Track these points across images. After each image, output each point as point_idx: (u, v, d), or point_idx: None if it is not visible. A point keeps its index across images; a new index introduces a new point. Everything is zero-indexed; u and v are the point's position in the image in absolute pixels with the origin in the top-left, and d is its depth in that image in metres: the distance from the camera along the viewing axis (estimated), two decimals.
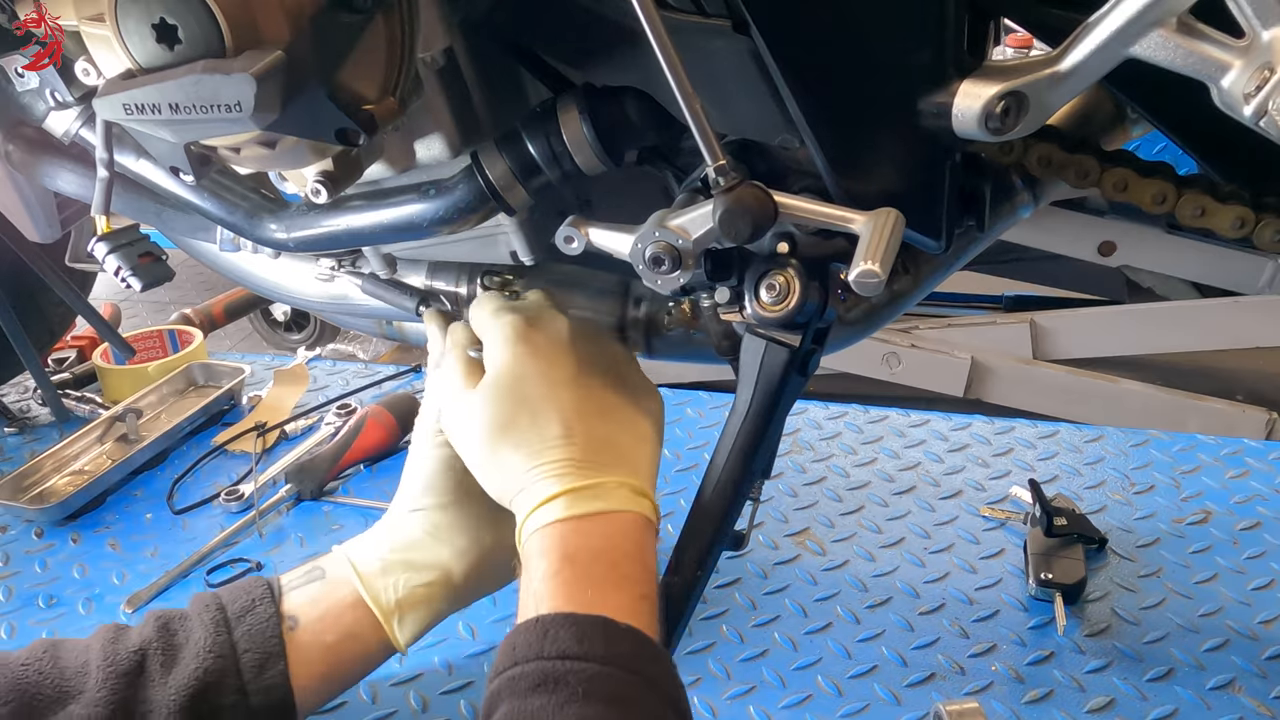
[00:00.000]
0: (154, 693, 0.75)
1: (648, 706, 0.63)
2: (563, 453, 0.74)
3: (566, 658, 0.63)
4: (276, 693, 0.78)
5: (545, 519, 0.72)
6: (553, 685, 0.62)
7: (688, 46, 0.64)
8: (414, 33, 0.69)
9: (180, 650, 0.78)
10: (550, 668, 0.62)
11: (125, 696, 0.74)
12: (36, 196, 1.18)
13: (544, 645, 0.64)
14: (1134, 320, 2.21)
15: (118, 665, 0.75)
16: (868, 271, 0.62)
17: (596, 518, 0.72)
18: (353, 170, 0.79)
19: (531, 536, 0.72)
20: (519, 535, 0.74)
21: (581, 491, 0.72)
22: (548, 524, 0.71)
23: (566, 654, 0.63)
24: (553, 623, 0.65)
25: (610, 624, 0.66)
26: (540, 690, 0.61)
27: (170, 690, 0.75)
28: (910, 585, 1.15)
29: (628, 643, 0.65)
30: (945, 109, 0.67)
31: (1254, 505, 1.26)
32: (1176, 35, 0.59)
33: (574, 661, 0.62)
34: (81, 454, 1.45)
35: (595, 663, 0.62)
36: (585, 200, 0.93)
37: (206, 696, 0.76)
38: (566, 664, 0.62)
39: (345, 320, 1.20)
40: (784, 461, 1.38)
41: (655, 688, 0.64)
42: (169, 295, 3.59)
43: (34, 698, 0.72)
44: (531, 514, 0.72)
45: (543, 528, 0.72)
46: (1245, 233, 0.75)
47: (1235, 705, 0.98)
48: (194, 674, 0.76)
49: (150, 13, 0.63)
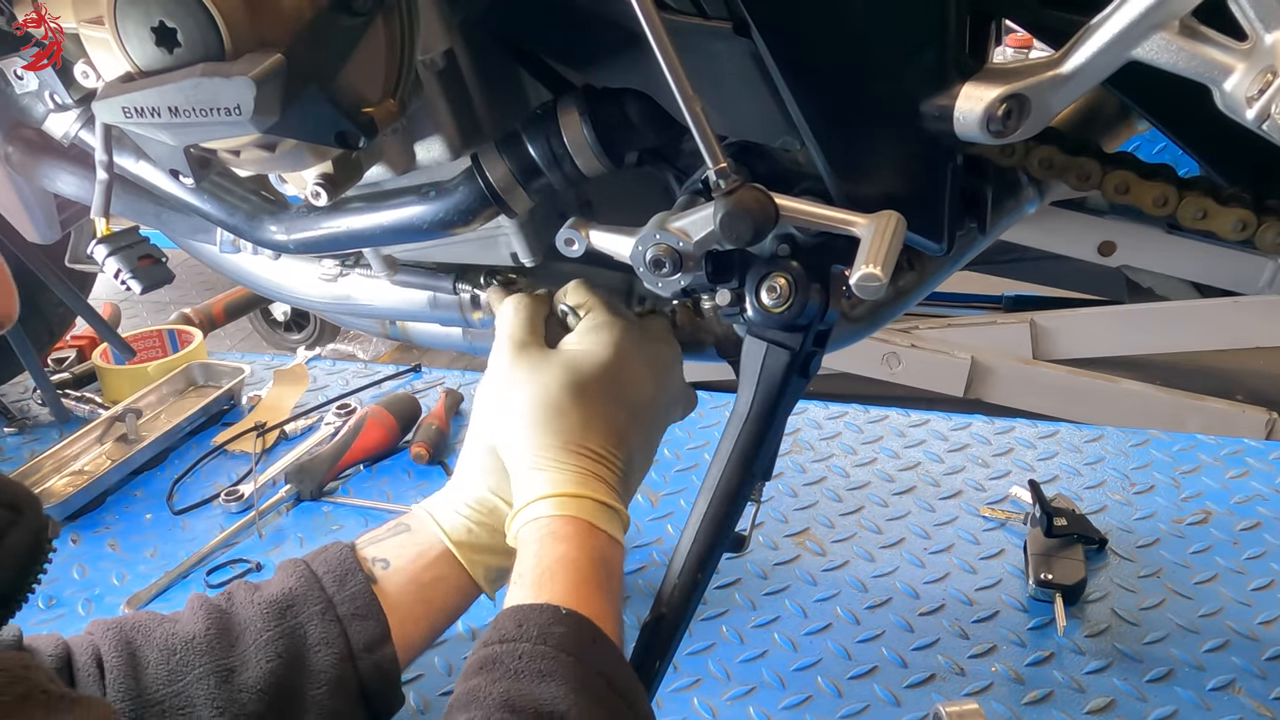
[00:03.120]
0: (245, 611, 0.79)
1: (580, 680, 0.66)
2: (593, 464, 0.77)
3: (505, 640, 0.68)
4: (361, 599, 0.80)
5: (546, 511, 0.75)
6: (490, 665, 0.66)
7: (688, 48, 0.64)
8: (414, 35, 0.69)
9: (262, 586, 0.82)
10: (490, 651, 0.67)
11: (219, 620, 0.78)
12: (36, 198, 1.18)
13: (490, 634, 0.69)
14: (1134, 320, 2.21)
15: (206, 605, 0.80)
16: (869, 275, 0.62)
17: (586, 526, 0.75)
18: (353, 172, 0.79)
19: (530, 524, 0.76)
20: (515, 511, 0.77)
21: (587, 502, 0.76)
22: (548, 516, 0.75)
23: (505, 638, 0.68)
24: (503, 615, 0.71)
25: (549, 609, 0.69)
26: (481, 672, 0.66)
27: (259, 605, 0.79)
28: (910, 586, 1.15)
29: (565, 625, 0.69)
30: (947, 111, 0.67)
31: (1254, 505, 1.26)
32: (1179, 38, 0.59)
33: (511, 644, 0.67)
34: (81, 454, 1.45)
35: (529, 643, 0.67)
36: (586, 202, 0.93)
37: (293, 609, 0.79)
38: (504, 646, 0.67)
39: (347, 320, 1.19)
40: (784, 461, 1.38)
41: (588, 664, 0.68)
42: (169, 295, 3.58)
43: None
44: (538, 501, 0.76)
45: (543, 519, 0.75)
46: (1247, 235, 0.75)
47: (1235, 706, 0.98)
48: (279, 592, 0.80)
49: (149, 16, 0.63)
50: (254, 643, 0.77)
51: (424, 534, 0.85)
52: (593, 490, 0.76)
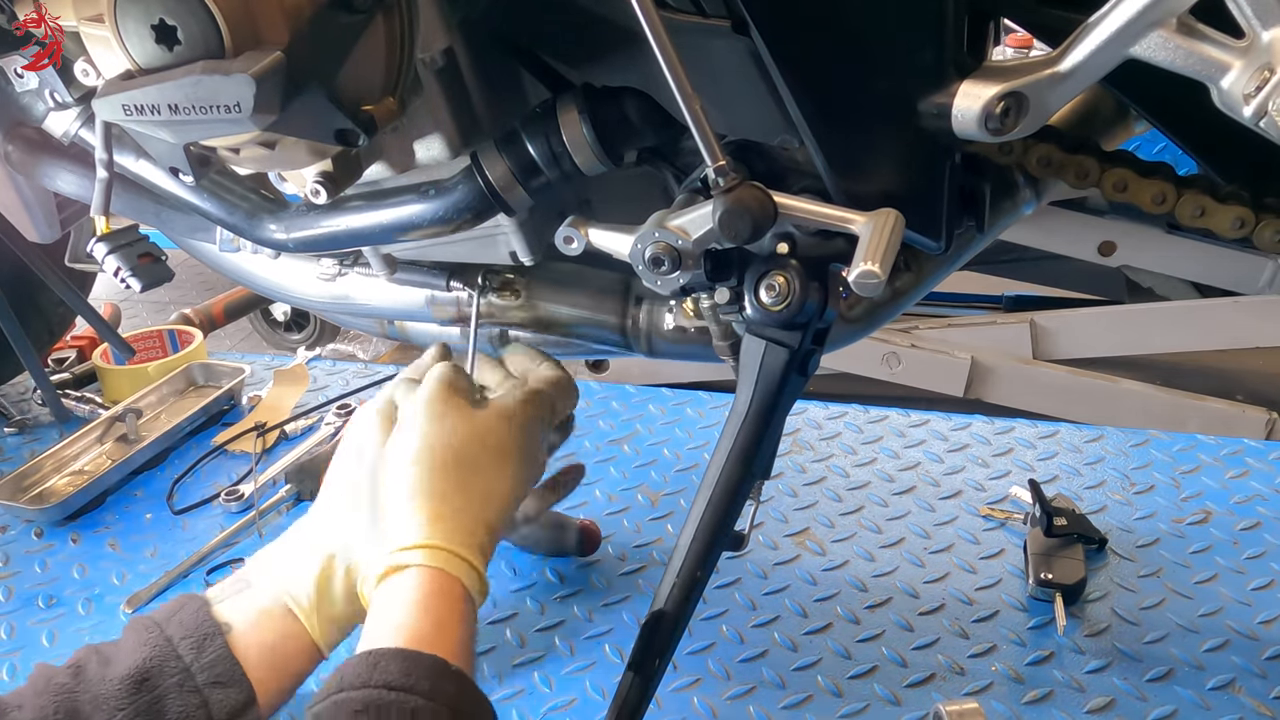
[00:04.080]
0: (96, 689, 0.73)
1: None
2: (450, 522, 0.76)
3: (392, 688, 0.65)
4: (221, 665, 0.76)
5: (405, 563, 0.74)
6: (375, 712, 0.63)
7: (687, 47, 0.64)
8: (413, 33, 0.69)
9: (112, 657, 0.76)
10: (376, 695, 0.64)
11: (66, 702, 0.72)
12: (36, 197, 1.18)
13: (372, 675, 0.66)
14: (1134, 320, 2.21)
15: (50, 684, 0.74)
16: (868, 272, 0.62)
17: (441, 575, 0.74)
18: (352, 171, 0.79)
19: (389, 578, 0.74)
20: (369, 570, 0.76)
21: (440, 553, 0.74)
22: (405, 568, 0.74)
23: (392, 685, 0.65)
24: (383, 655, 0.67)
25: (439, 662, 0.68)
26: (363, 715, 0.63)
27: (111, 683, 0.73)
28: (910, 585, 1.15)
29: (452, 683, 0.67)
30: (945, 109, 0.67)
31: (1254, 505, 1.26)
32: (1176, 36, 0.59)
33: (399, 693, 0.64)
34: (81, 454, 1.45)
35: (421, 696, 0.65)
36: (585, 200, 0.93)
37: (149, 682, 0.74)
38: (392, 694, 0.64)
39: (346, 320, 1.19)
40: (784, 461, 1.38)
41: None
42: (169, 295, 3.58)
43: None
44: (396, 553, 0.74)
45: (401, 571, 0.74)
46: (1245, 233, 0.75)
47: (1235, 705, 0.98)
48: (132, 665, 0.75)
49: (149, 13, 0.63)
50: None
51: (267, 593, 0.81)
52: (464, 549, 0.75)
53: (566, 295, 0.96)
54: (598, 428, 1.50)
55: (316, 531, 0.84)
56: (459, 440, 0.80)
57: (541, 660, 1.07)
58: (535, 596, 1.16)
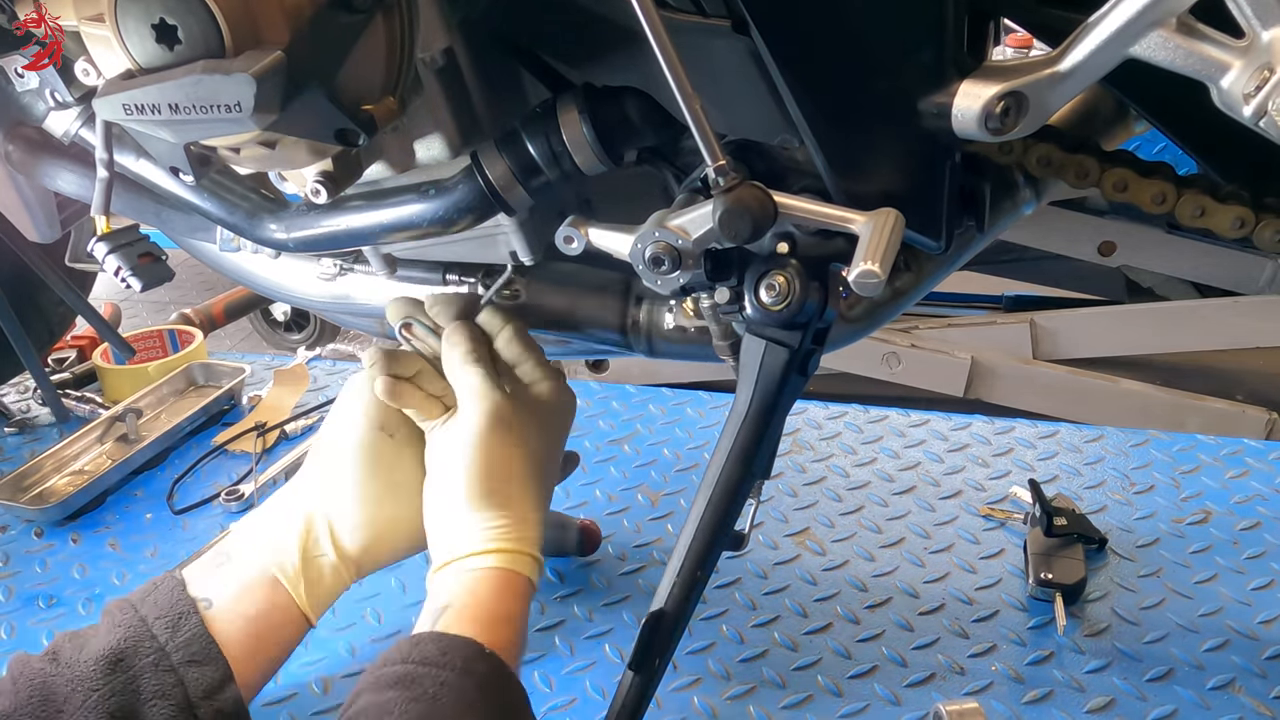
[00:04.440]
0: (71, 671, 0.73)
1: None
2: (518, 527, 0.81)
3: (427, 664, 0.68)
4: (197, 644, 0.76)
5: (471, 565, 0.79)
6: (408, 683, 0.67)
7: (687, 46, 0.64)
8: (414, 33, 0.69)
9: (88, 640, 0.76)
10: (411, 670, 0.68)
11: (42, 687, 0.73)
12: (36, 196, 1.18)
13: (411, 652, 0.70)
14: (1134, 320, 2.21)
15: (27, 670, 0.74)
16: (868, 272, 0.62)
17: (505, 574, 0.79)
18: (352, 170, 0.79)
19: (450, 572, 0.79)
20: (440, 562, 0.80)
21: (508, 554, 0.79)
22: (471, 569, 0.78)
23: (428, 661, 0.68)
24: (424, 637, 0.71)
25: (473, 645, 0.71)
26: (397, 686, 0.67)
27: (86, 664, 0.73)
28: (910, 585, 1.15)
29: (486, 665, 0.70)
30: (945, 109, 0.67)
31: (1254, 505, 1.26)
32: (1176, 35, 0.59)
33: (433, 668, 0.68)
34: (81, 454, 1.45)
35: (453, 672, 0.67)
36: (585, 200, 0.93)
37: (123, 663, 0.74)
38: (426, 669, 0.68)
39: (346, 320, 1.19)
40: (784, 461, 1.38)
41: (505, 708, 0.70)
42: (169, 295, 3.59)
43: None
44: (465, 558, 0.79)
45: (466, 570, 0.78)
46: (1245, 233, 0.75)
47: (1235, 705, 0.98)
48: (107, 646, 0.75)
49: (150, 13, 0.63)
50: (82, 705, 0.71)
51: (247, 565, 0.82)
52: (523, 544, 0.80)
53: (566, 295, 0.96)
54: (598, 428, 1.50)
55: (298, 496, 0.85)
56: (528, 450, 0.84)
57: (541, 660, 1.07)
58: (535, 596, 1.15)
